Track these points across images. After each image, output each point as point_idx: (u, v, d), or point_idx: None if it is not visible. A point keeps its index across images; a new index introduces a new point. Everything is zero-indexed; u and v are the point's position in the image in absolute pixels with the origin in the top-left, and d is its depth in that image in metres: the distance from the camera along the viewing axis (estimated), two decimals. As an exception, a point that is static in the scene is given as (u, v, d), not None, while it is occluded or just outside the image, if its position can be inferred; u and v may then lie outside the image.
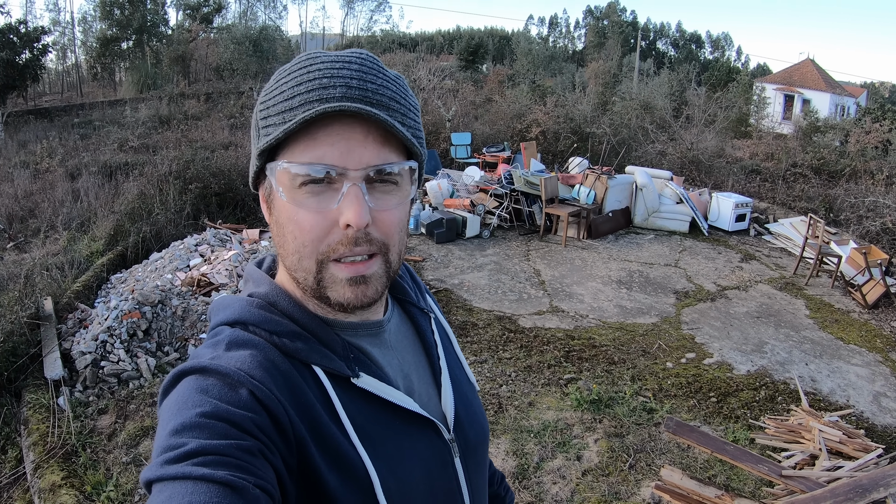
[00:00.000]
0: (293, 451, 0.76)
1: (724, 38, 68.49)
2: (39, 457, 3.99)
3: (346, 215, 0.78)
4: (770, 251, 9.57)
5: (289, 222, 0.81)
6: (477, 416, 1.05)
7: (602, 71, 31.18)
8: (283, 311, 0.87)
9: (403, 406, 0.89)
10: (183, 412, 0.70)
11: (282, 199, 0.81)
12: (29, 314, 5.32)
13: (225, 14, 35.75)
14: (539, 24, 69.97)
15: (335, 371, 0.84)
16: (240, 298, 0.89)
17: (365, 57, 0.84)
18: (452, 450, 0.96)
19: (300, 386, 0.80)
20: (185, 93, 22.54)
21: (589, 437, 4.44)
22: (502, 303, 6.98)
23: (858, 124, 15.60)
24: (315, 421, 0.79)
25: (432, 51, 31.29)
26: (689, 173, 13.33)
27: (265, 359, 0.80)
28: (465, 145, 14.10)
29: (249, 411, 0.72)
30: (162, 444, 0.68)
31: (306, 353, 0.84)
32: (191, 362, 0.78)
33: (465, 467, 0.97)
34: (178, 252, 7.12)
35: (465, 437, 0.99)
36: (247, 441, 0.70)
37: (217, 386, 0.74)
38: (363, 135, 0.79)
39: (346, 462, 0.80)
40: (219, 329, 0.86)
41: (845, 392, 5.33)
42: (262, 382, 0.76)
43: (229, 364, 0.76)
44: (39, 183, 11.05)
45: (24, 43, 20.68)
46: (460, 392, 1.03)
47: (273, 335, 0.83)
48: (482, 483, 1.06)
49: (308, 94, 0.78)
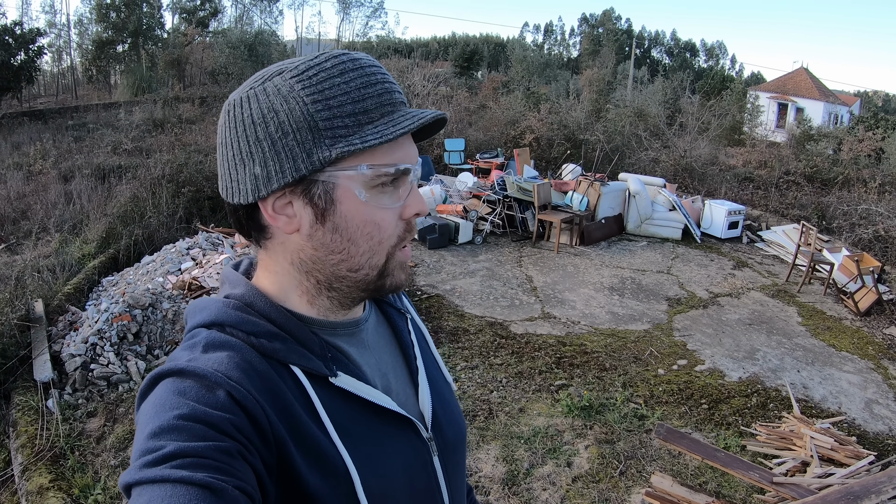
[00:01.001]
0: (273, 451, 0.75)
1: (718, 47, 69.04)
2: (27, 459, 3.96)
3: (418, 207, 0.87)
4: (762, 258, 9.59)
5: (366, 224, 0.83)
6: (454, 416, 1.06)
7: (597, 78, 31.25)
8: (260, 312, 0.86)
9: (382, 405, 0.89)
10: (160, 415, 0.70)
11: (362, 200, 0.82)
12: (19, 316, 5.30)
13: (221, 18, 35.77)
14: (534, 31, 70.17)
15: (313, 370, 0.84)
16: (216, 300, 0.88)
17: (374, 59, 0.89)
18: (431, 448, 0.96)
19: (278, 386, 0.80)
20: (180, 96, 22.48)
21: (579, 444, 4.43)
22: (494, 309, 6.97)
23: (852, 133, 15.70)
24: (294, 420, 0.79)
25: (427, 57, 31.44)
26: (682, 181, 13.37)
27: (242, 360, 0.79)
28: (458, 151, 14.08)
29: (227, 413, 0.72)
30: (140, 448, 0.68)
31: (284, 353, 0.83)
32: (167, 365, 0.77)
33: (443, 466, 0.98)
34: (170, 255, 7.09)
35: (443, 436, 0.99)
36: (225, 442, 0.69)
37: (194, 388, 0.73)
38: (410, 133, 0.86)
39: (326, 461, 0.80)
40: (196, 331, 0.85)
41: (837, 399, 5.34)
42: (239, 383, 0.75)
43: (206, 366, 0.76)
44: (32, 185, 11.00)
45: (19, 44, 20.63)
46: (437, 391, 1.03)
47: (250, 336, 0.83)
48: (461, 482, 1.06)
49: (380, 97, 0.81)
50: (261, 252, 0.90)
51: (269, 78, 0.82)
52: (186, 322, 0.90)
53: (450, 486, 0.99)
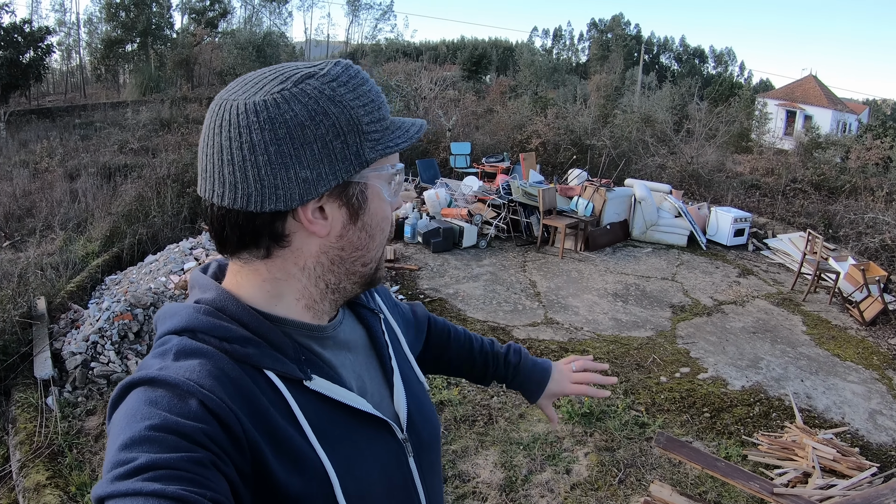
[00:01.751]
0: (248, 458, 0.75)
1: (727, 54, 68.95)
2: (26, 456, 3.96)
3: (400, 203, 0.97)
4: (768, 266, 9.54)
5: (384, 220, 0.91)
6: (429, 415, 1.07)
7: (605, 84, 31.24)
8: (232, 316, 0.85)
9: (357, 407, 0.89)
10: (132, 426, 0.69)
11: (387, 199, 0.90)
12: (21, 313, 5.30)
13: (230, 19, 35.93)
14: (543, 35, 69.98)
15: (287, 374, 0.83)
16: (186, 306, 0.87)
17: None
18: (406, 449, 0.97)
19: (252, 392, 0.79)
20: (188, 96, 22.56)
21: (579, 451, 4.40)
22: (497, 313, 6.95)
23: (860, 141, 15.63)
24: (271, 425, 0.79)
25: (436, 60, 31.44)
26: (689, 187, 13.32)
27: (214, 367, 0.78)
28: (464, 155, 14.08)
29: (200, 422, 0.71)
30: (112, 460, 0.67)
31: (258, 358, 0.82)
32: (138, 373, 0.76)
33: (419, 466, 0.99)
34: (173, 255, 7.10)
35: (418, 435, 1.01)
36: (198, 453, 0.69)
37: (166, 397, 0.72)
38: None
39: (305, 463, 0.80)
40: (166, 338, 0.83)
41: (840, 409, 5.30)
42: (212, 391, 0.74)
43: (178, 374, 0.75)
44: (38, 182, 11.04)
45: (28, 42, 20.77)
46: (412, 391, 1.04)
47: (223, 342, 0.82)
48: (437, 481, 1.07)
49: (382, 105, 0.87)
50: (254, 261, 0.86)
51: (301, 80, 0.80)
52: (156, 328, 0.89)
53: (425, 484, 1.00)
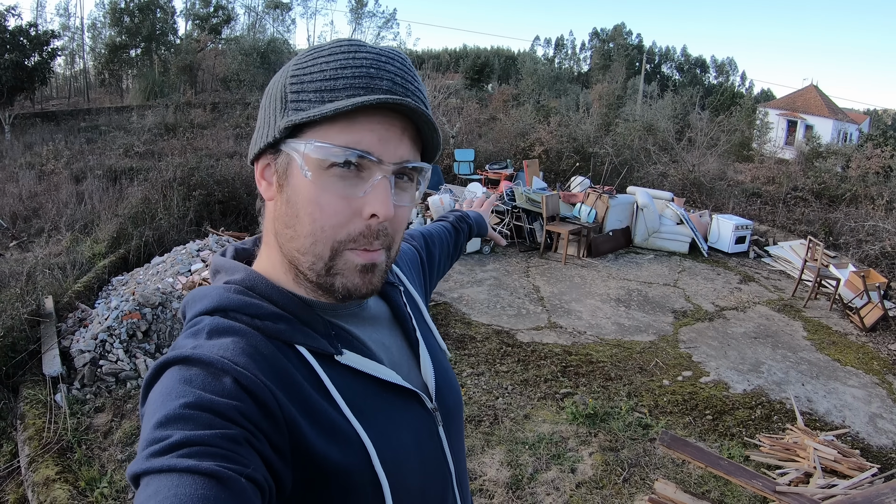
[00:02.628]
0: (284, 434, 0.76)
1: (728, 63, 69.13)
2: (35, 451, 3.99)
3: (375, 206, 0.80)
4: (769, 273, 9.58)
5: (308, 203, 0.81)
6: (453, 382, 1.08)
7: (607, 93, 31.33)
8: (262, 295, 0.86)
9: (389, 380, 0.90)
10: (167, 404, 0.69)
11: (306, 177, 0.81)
12: (29, 311, 5.33)
13: (234, 26, 36.06)
14: (545, 45, 70.24)
15: (319, 349, 0.85)
16: (216, 287, 0.88)
17: (404, 57, 0.86)
18: (436, 419, 0.98)
19: (286, 368, 0.80)
20: (192, 102, 22.66)
21: (584, 451, 4.43)
22: (501, 317, 6.99)
23: (860, 150, 15.69)
24: (306, 400, 0.80)
25: (438, 69, 31.52)
26: (690, 195, 13.39)
27: (248, 344, 0.79)
28: (468, 161, 14.16)
29: (234, 399, 0.72)
30: (147, 437, 0.67)
31: (289, 334, 0.84)
32: (173, 353, 0.77)
33: (447, 434, 1.00)
34: (180, 257, 7.14)
35: (444, 404, 1.02)
36: (232, 430, 0.69)
37: (200, 375, 0.73)
38: (401, 130, 0.82)
39: (340, 435, 0.81)
40: (198, 319, 0.85)
41: (841, 413, 5.33)
42: (246, 368, 0.75)
43: (212, 352, 0.76)
44: (44, 184, 11.10)
45: (33, 46, 20.79)
46: (436, 361, 1.05)
47: (255, 319, 0.83)
48: (461, 449, 1.08)
49: (354, 79, 0.80)
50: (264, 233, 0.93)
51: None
52: (185, 312, 0.90)
53: (453, 451, 1.02)
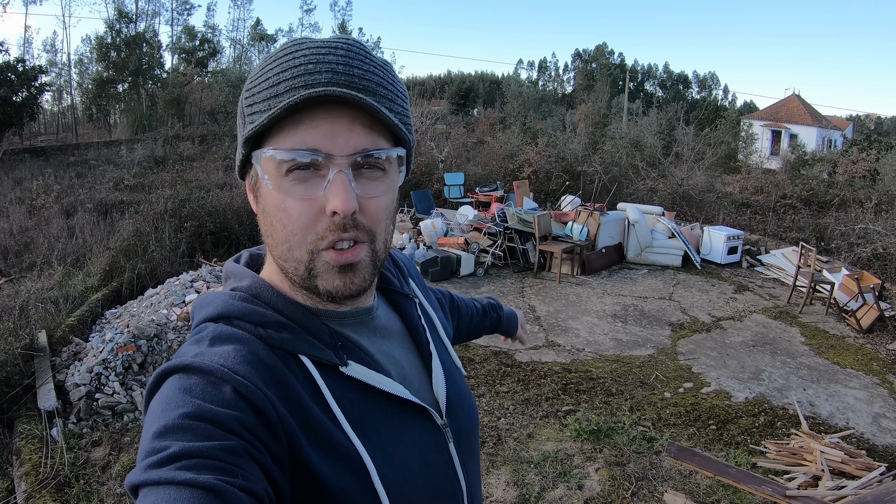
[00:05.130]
0: (283, 445, 0.75)
1: (710, 78, 69.98)
2: (31, 487, 3.91)
3: (333, 202, 0.78)
4: (763, 282, 9.62)
5: (276, 211, 0.81)
6: (467, 401, 1.05)
7: (591, 112, 31.58)
8: (267, 303, 0.86)
9: (394, 393, 0.88)
10: (166, 414, 0.69)
11: (268, 187, 0.80)
12: (23, 345, 5.27)
13: (219, 58, 36.32)
14: (528, 67, 71.03)
15: (323, 360, 0.83)
16: (222, 294, 0.88)
17: (352, 43, 0.83)
18: (446, 435, 0.96)
19: (287, 378, 0.79)
20: (180, 135, 22.67)
21: (590, 467, 4.39)
22: (498, 338, 6.87)
23: (846, 155, 15.85)
24: (304, 412, 0.78)
25: (424, 95, 31.75)
26: (681, 208, 13.45)
27: (249, 353, 0.78)
28: (458, 185, 14.19)
29: (233, 409, 0.71)
30: (146, 448, 0.67)
31: (292, 343, 0.83)
32: (174, 361, 0.77)
33: (458, 452, 0.98)
34: (174, 288, 7.09)
35: (457, 421, 0.99)
36: (231, 441, 0.69)
37: (200, 385, 0.73)
38: (350, 120, 0.79)
39: (339, 451, 0.79)
40: (203, 325, 0.84)
41: (844, 415, 5.33)
42: (246, 378, 0.74)
43: (212, 361, 0.75)
44: (35, 219, 11.05)
45: (21, 81, 20.84)
46: (450, 377, 1.03)
47: (258, 327, 0.82)
48: (476, 468, 1.06)
49: (293, 79, 0.78)
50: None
51: None
52: (193, 318, 0.89)
53: (466, 470, 0.99)
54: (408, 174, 0.92)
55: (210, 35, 36.30)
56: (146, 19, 33.08)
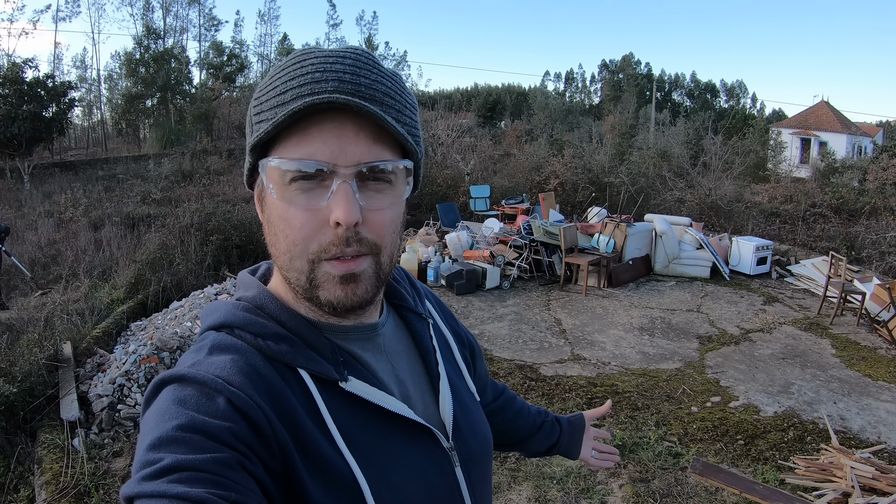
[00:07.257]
0: (277, 457, 0.74)
1: (738, 86, 69.17)
2: (51, 496, 3.94)
3: (335, 213, 0.76)
4: (793, 293, 9.44)
5: (279, 220, 0.80)
6: (478, 426, 1.02)
7: (619, 123, 31.46)
8: (270, 314, 0.85)
9: (396, 412, 0.86)
10: (160, 425, 0.69)
11: (272, 196, 0.80)
12: (47, 356, 5.33)
13: (247, 73, 36.82)
14: (555, 79, 70.73)
15: (322, 374, 0.82)
16: (227, 303, 0.88)
17: (360, 53, 0.82)
18: (452, 458, 0.92)
19: (282, 391, 0.78)
20: (208, 149, 23.02)
21: (613, 483, 4.31)
22: (523, 352, 6.89)
23: (876, 162, 15.56)
24: (297, 427, 0.77)
25: (451, 108, 31.85)
26: (709, 219, 13.29)
27: (246, 363, 0.78)
28: (484, 198, 14.17)
29: (227, 421, 0.71)
30: (140, 459, 0.67)
31: (291, 356, 0.82)
32: (172, 370, 0.77)
33: (466, 477, 0.94)
34: (199, 301, 7.15)
35: (465, 445, 0.95)
36: (224, 453, 0.68)
37: (194, 396, 0.72)
38: (355, 131, 0.78)
39: (331, 469, 0.77)
40: (206, 334, 0.85)
41: (876, 429, 5.18)
42: (241, 389, 0.74)
43: (207, 371, 0.75)
44: (63, 232, 11.26)
45: (51, 97, 21.30)
46: (459, 400, 1.00)
47: (257, 338, 0.82)
48: (486, 494, 1.02)
49: (300, 88, 0.77)
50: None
51: None
52: (201, 325, 0.89)
53: (474, 495, 0.95)
54: (416, 187, 0.89)
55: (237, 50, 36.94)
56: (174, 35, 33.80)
